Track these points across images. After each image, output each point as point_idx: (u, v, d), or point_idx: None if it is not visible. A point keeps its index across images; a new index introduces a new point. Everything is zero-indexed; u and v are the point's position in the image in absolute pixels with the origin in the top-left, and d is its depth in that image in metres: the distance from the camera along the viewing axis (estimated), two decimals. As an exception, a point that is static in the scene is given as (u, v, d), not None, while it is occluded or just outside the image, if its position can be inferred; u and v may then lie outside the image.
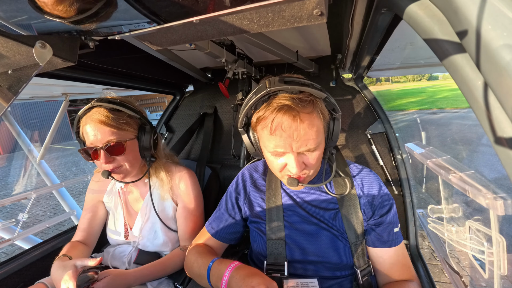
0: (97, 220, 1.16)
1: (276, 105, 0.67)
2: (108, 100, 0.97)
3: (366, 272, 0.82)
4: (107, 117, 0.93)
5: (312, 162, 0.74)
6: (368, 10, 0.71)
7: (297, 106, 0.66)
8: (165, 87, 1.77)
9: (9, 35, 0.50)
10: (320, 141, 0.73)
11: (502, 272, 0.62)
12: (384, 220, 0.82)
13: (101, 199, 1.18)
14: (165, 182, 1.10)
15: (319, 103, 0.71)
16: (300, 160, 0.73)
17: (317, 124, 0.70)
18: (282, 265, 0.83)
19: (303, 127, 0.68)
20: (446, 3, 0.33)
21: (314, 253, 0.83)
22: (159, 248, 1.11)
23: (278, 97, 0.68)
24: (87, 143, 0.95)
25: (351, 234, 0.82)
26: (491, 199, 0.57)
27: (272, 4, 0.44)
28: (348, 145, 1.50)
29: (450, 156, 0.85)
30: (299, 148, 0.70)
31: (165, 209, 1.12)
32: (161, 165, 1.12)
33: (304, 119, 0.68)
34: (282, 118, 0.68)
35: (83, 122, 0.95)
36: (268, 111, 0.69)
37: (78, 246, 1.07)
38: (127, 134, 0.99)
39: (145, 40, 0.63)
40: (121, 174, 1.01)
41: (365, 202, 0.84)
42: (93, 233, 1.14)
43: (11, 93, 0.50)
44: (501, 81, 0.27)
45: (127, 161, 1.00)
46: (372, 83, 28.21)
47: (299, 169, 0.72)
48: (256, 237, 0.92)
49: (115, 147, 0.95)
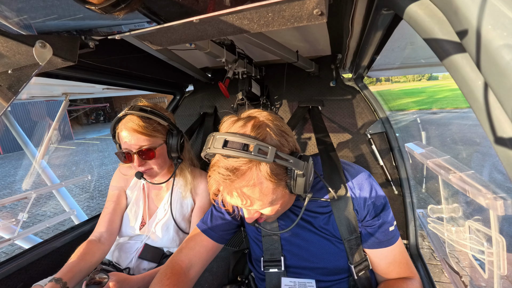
0: (120, 210, 1.21)
1: (211, 177, 0.66)
2: (140, 108, 1.05)
3: (363, 267, 0.81)
4: (139, 125, 1.02)
5: (268, 214, 0.73)
6: (368, 10, 0.71)
7: (226, 181, 0.62)
8: (165, 87, 1.77)
9: (9, 34, 0.50)
10: (274, 200, 0.68)
11: (502, 272, 0.62)
12: (378, 220, 0.80)
13: (124, 191, 1.25)
14: (188, 181, 1.19)
15: (264, 168, 0.63)
16: (252, 213, 0.73)
17: (260, 193, 0.65)
18: (278, 260, 0.83)
19: (241, 199, 0.66)
20: (446, 3, 0.33)
21: (309, 259, 0.83)
22: (166, 244, 1.16)
23: (215, 164, 0.65)
24: (122, 146, 1.06)
25: (344, 231, 0.80)
26: (491, 199, 0.57)
27: (272, 4, 0.44)
28: (348, 145, 1.50)
29: (450, 156, 0.85)
30: (247, 209, 0.71)
31: (183, 207, 1.20)
32: (187, 166, 1.21)
33: (240, 192, 0.64)
34: (217, 188, 0.67)
35: (119, 128, 1.05)
36: (208, 177, 0.68)
37: (91, 250, 1.06)
38: (157, 140, 1.08)
39: (145, 39, 0.63)
40: (152, 175, 1.11)
41: (358, 203, 0.82)
42: (117, 223, 1.19)
43: (11, 92, 0.50)
44: (501, 81, 0.27)
45: (156, 164, 1.09)
46: (372, 83, 28.18)
47: (250, 220, 0.73)
48: (252, 238, 0.93)
49: (147, 152, 1.05)
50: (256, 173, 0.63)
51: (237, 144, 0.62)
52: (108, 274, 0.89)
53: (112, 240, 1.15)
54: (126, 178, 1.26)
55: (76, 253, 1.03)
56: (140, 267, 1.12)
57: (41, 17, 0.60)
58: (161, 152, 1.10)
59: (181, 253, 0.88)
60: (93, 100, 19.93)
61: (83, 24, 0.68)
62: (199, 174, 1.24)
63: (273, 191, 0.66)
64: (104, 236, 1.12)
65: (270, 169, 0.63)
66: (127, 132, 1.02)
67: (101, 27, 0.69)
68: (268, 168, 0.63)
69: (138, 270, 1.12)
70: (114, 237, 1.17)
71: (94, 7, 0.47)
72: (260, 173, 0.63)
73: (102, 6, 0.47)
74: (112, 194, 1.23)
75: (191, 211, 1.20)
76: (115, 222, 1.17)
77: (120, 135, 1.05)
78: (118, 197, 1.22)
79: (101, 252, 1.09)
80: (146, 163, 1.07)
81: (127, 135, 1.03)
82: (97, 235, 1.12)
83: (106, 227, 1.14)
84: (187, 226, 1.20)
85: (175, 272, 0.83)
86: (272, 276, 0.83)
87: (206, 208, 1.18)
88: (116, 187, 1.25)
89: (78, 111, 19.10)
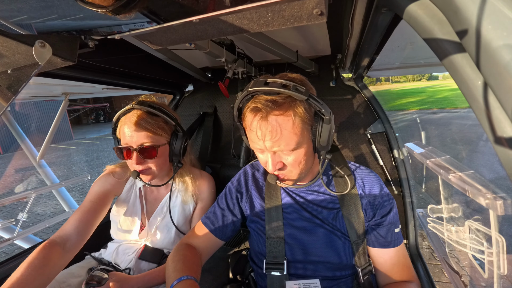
0: (100, 214, 1.04)
1: (250, 105, 0.72)
2: (148, 104, 1.00)
3: (367, 271, 0.83)
4: (145, 121, 0.97)
5: (291, 163, 0.75)
6: (368, 10, 0.71)
7: (265, 108, 0.68)
8: (165, 87, 1.76)
9: (8, 34, 0.50)
10: (298, 143, 0.72)
11: (502, 272, 0.62)
12: (385, 220, 0.82)
13: (111, 195, 1.11)
14: (189, 188, 1.14)
15: (298, 105, 0.70)
16: (276, 160, 0.74)
17: (291, 126, 0.70)
18: (281, 264, 0.83)
19: (269, 129, 0.70)
20: (446, 3, 0.33)
21: (315, 253, 0.83)
22: (167, 246, 1.13)
23: (257, 97, 0.71)
24: (122, 142, 1.00)
25: (352, 233, 0.81)
26: (491, 199, 0.57)
27: (272, 4, 0.44)
28: (348, 145, 1.50)
29: (449, 156, 0.85)
30: (272, 148, 0.72)
31: (185, 211, 1.16)
32: (187, 170, 1.16)
33: (272, 120, 0.69)
34: (252, 118, 0.72)
35: (122, 122, 0.99)
36: (246, 110, 0.74)
37: (51, 261, 0.84)
38: (161, 139, 1.03)
39: (145, 39, 0.63)
40: (149, 176, 1.04)
41: (366, 202, 0.83)
42: (91, 226, 1.01)
43: (11, 92, 0.50)
44: (501, 81, 0.27)
45: (156, 165, 1.03)
46: (372, 83, 28.21)
47: (273, 167, 0.74)
48: (256, 237, 0.92)
49: (148, 150, 0.99)
50: (292, 107, 0.70)
51: (277, 84, 0.69)
52: (108, 274, 0.88)
53: (79, 247, 0.96)
54: (118, 182, 1.14)
55: (32, 263, 0.79)
56: (140, 268, 1.11)
57: (41, 17, 0.60)
58: (163, 152, 1.05)
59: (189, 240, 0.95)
60: (93, 100, 19.94)
61: (83, 24, 0.68)
62: (200, 174, 1.21)
63: (301, 132, 0.71)
64: (72, 239, 0.93)
65: (303, 108, 0.71)
66: (131, 126, 0.97)
67: (101, 27, 0.69)
68: (301, 106, 0.71)
69: (138, 271, 1.10)
70: (83, 243, 0.97)
71: (105, 9, 0.47)
72: (295, 108, 0.70)
73: (113, 7, 0.47)
74: (94, 194, 1.06)
75: (193, 211, 1.18)
76: (89, 225, 0.99)
77: (122, 129, 0.99)
78: (101, 198, 1.06)
79: (62, 264, 0.88)
80: (145, 162, 1.00)
81: (130, 130, 0.97)
82: (63, 238, 0.92)
83: (77, 228, 0.95)
84: (188, 228, 1.18)
85: (190, 247, 0.90)
86: (273, 279, 0.83)
87: (208, 208, 1.16)
88: (102, 187, 1.09)
89: (78, 111, 19.10)
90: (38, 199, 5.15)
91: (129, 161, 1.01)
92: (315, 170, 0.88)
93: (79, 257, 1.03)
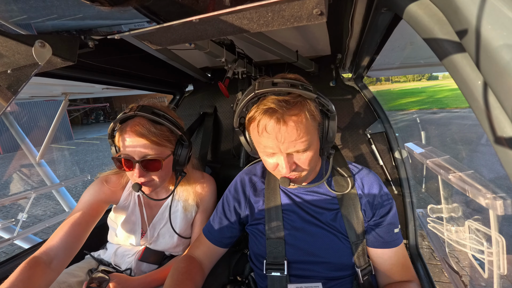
0: (90, 225, 0.96)
1: (262, 108, 0.69)
2: (152, 111, 0.90)
3: (367, 272, 0.83)
4: (148, 131, 0.88)
5: (303, 162, 0.74)
6: (368, 10, 0.71)
7: (281, 109, 0.66)
8: (164, 87, 1.76)
9: (8, 34, 0.50)
10: (311, 142, 0.72)
11: (502, 272, 0.62)
12: (384, 220, 0.82)
13: (104, 204, 1.04)
14: (191, 196, 1.10)
15: (308, 103, 0.71)
16: (290, 161, 0.73)
17: (305, 126, 0.70)
18: (281, 264, 0.83)
19: (287, 130, 0.68)
20: (446, 3, 0.33)
21: (315, 254, 0.83)
22: (169, 250, 1.12)
23: (266, 99, 0.69)
24: (122, 151, 0.90)
25: (351, 233, 0.82)
26: (491, 199, 0.57)
27: (272, 4, 0.44)
28: (348, 145, 1.50)
29: (449, 156, 0.85)
30: (287, 149, 0.71)
31: (187, 216, 1.12)
32: (189, 176, 1.11)
33: (289, 121, 0.68)
34: (266, 121, 0.69)
35: (122, 129, 0.90)
36: (256, 113, 0.71)
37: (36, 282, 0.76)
38: (165, 151, 0.95)
39: (145, 39, 0.63)
40: (151, 188, 0.98)
41: (365, 202, 0.84)
42: (81, 240, 0.92)
43: (11, 92, 0.50)
44: (501, 81, 0.27)
45: (159, 177, 0.96)
46: (372, 83, 28.19)
47: (288, 169, 0.72)
48: (256, 239, 0.92)
49: (152, 163, 0.91)
50: (304, 106, 0.70)
51: (285, 84, 0.69)
52: (109, 275, 0.88)
53: (66, 264, 0.87)
54: (113, 191, 1.06)
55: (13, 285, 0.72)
56: (141, 269, 1.09)
57: (41, 17, 0.60)
58: (167, 163, 0.97)
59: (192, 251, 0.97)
60: (93, 100, 19.94)
61: (82, 24, 0.68)
62: (201, 177, 1.16)
63: (313, 130, 0.72)
64: (59, 257, 0.84)
65: (313, 106, 0.72)
66: (132, 136, 0.88)
67: (100, 27, 0.69)
68: (312, 105, 0.71)
69: (139, 272, 1.08)
70: (71, 259, 0.89)
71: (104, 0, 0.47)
72: (307, 106, 0.70)
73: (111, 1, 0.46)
74: (86, 203, 0.97)
75: (195, 215, 1.15)
76: (79, 239, 0.90)
77: (123, 137, 0.90)
78: (93, 208, 0.97)
79: (47, 284, 0.80)
80: (147, 174, 0.92)
81: (131, 140, 0.88)
82: (49, 255, 0.84)
83: (66, 243, 0.86)
84: (191, 231, 1.15)
85: (192, 261, 0.91)
86: (274, 280, 0.83)
87: (210, 211, 1.15)
88: (94, 196, 1.00)
89: (78, 111, 19.10)
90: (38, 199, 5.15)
91: (129, 172, 0.93)
92: (317, 169, 0.89)
93: (79, 257, 1.03)
